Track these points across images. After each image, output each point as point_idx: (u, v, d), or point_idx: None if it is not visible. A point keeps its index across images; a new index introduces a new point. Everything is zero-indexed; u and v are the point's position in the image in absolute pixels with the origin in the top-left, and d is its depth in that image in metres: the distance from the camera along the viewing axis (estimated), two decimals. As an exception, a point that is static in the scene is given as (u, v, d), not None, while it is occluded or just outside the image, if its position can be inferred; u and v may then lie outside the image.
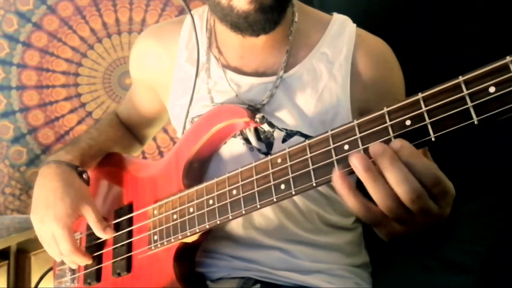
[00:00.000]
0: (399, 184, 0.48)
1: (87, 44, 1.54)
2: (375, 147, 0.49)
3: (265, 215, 0.80)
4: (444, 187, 0.49)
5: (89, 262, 0.86)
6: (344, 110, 0.78)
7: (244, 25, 0.74)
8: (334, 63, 0.80)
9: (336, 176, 0.51)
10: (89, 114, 1.56)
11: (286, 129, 0.78)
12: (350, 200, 0.51)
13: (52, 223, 0.80)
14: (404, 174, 0.48)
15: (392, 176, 0.48)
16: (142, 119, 1.06)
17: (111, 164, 0.96)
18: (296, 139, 0.77)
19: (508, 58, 0.45)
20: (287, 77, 0.80)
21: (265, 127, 0.79)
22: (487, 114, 0.45)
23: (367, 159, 0.50)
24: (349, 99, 0.79)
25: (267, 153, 0.78)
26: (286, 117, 0.79)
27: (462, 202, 0.99)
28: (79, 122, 1.56)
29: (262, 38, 0.79)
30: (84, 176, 0.87)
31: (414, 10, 1.04)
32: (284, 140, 0.78)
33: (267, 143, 0.79)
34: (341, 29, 0.83)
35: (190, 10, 0.85)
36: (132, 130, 1.08)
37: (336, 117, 0.78)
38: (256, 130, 0.79)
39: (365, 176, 0.49)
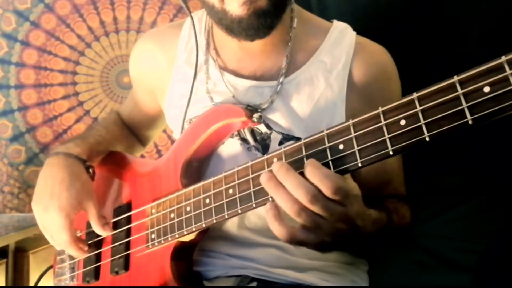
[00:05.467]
0: (296, 189, 0.54)
1: (85, 42, 1.54)
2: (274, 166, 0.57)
3: (260, 215, 0.80)
4: (342, 188, 0.54)
5: (84, 255, 0.87)
6: (339, 118, 0.78)
7: (237, 29, 0.74)
8: (332, 72, 0.80)
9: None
10: (87, 112, 1.56)
11: (282, 133, 0.78)
12: (274, 226, 0.57)
13: (56, 212, 0.81)
14: (299, 180, 0.54)
15: (288, 184, 0.55)
16: (143, 119, 1.06)
17: (111, 162, 0.96)
18: (292, 143, 0.78)
19: (503, 58, 0.45)
20: (285, 82, 0.80)
21: (262, 128, 0.79)
22: (482, 114, 0.45)
23: (270, 173, 0.57)
24: (344, 108, 0.79)
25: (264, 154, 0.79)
26: (282, 122, 0.79)
27: (459, 201, 1.00)
28: (77, 121, 1.55)
29: (260, 42, 0.79)
30: (91, 170, 0.88)
31: (413, 11, 1.03)
32: (281, 143, 0.78)
33: (263, 145, 0.79)
34: (341, 37, 0.83)
35: (190, 12, 0.86)
36: (133, 131, 1.09)
37: (331, 125, 0.78)
38: (253, 132, 0.80)
39: (268, 186, 0.57)
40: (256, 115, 0.76)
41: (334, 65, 0.80)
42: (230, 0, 0.71)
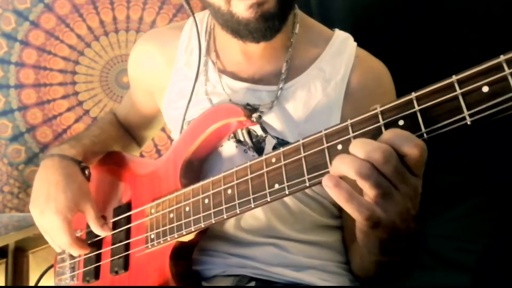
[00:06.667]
0: (364, 147, 0.48)
1: (84, 42, 1.54)
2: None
3: (256, 216, 0.80)
4: (415, 146, 0.48)
5: (86, 251, 0.87)
6: None
7: (244, 32, 0.73)
8: (330, 82, 0.80)
9: (328, 182, 0.49)
10: (87, 112, 1.56)
11: (277, 138, 0.78)
12: (351, 206, 0.48)
13: (53, 215, 0.81)
14: (371, 141, 0.49)
15: (355, 147, 0.49)
16: (140, 120, 1.06)
17: (110, 162, 0.97)
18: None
19: (501, 57, 0.44)
20: (283, 88, 0.80)
21: (258, 131, 0.79)
22: (480, 115, 0.45)
23: None
24: (339, 118, 0.78)
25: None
26: (278, 127, 0.79)
27: (459, 200, 1.00)
28: (77, 121, 1.55)
29: (262, 45, 0.78)
30: (86, 172, 0.88)
31: (413, 11, 1.03)
32: (274, 148, 0.78)
33: (258, 148, 0.79)
34: (342, 48, 0.83)
35: (193, 13, 0.85)
36: (130, 131, 1.09)
37: None
38: (249, 133, 0.79)
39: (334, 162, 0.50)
40: (255, 115, 0.76)
41: (333, 75, 0.80)
42: (237, 3, 0.70)
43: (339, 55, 0.82)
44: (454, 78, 0.47)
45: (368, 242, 0.54)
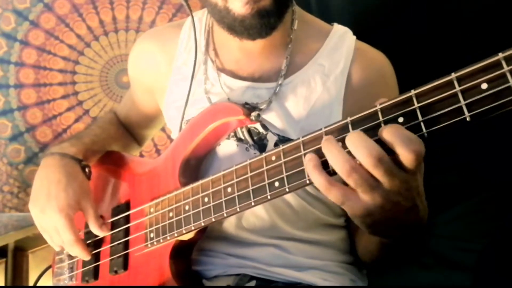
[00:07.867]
0: (358, 148, 0.48)
1: (84, 42, 1.54)
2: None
3: (258, 215, 0.80)
4: (423, 154, 0.48)
5: (88, 257, 0.86)
6: None
7: (239, 28, 0.73)
8: (329, 76, 0.80)
9: (311, 169, 0.52)
10: (87, 112, 1.56)
11: (278, 134, 0.78)
12: (314, 176, 0.52)
13: (55, 213, 0.80)
14: (362, 138, 0.49)
15: (349, 142, 0.49)
16: (140, 119, 1.06)
17: (109, 162, 0.96)
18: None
19: (500, 55, 0.45)
20: (283, 84, 0.80)
21: (259, 128, 0.79)
22: (479, 111, 0.45)
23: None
24: (341, 113, 0.78)
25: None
26: (278, 123, 0.79)
27: (459, 200, 1.00)
28: (77, 120, 1.56)
29: (260, 43, 0.78)
30: (87, 170, 0.87)
31: (413, 11, 1.03)
32: (276, 145, 0.78)
33: (261, 145, 0.79)
34: (340, 42, 0.82)
35: (191, 11, 0.85)
36: (130, 130, 1.09)
37: None
38: (249, 131, 0.79)
39: (323, 143, 0.52)
40: (254, 113, 0.75)
41: (332, 69, 0.80)
42: None
43: (338, 49, 0.82)
44: (453, 75, 0.47)
45: (357, 222, 0.55)
